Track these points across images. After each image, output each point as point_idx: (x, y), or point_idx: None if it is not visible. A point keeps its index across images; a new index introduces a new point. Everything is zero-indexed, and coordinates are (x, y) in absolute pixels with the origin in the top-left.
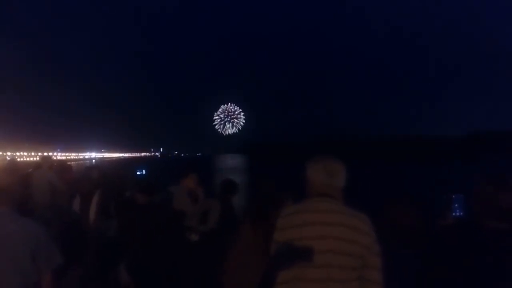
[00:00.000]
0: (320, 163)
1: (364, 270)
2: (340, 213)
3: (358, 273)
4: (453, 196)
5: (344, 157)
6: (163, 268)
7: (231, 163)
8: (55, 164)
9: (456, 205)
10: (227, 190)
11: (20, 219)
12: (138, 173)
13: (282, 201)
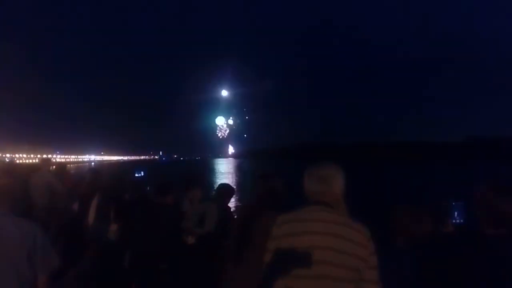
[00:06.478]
0: (314, 170)
1: (361, 284)
2: (335, 223)
3: (353, 286)
4: (453, 203)
5: (343, 162)
6: (163, 269)
7: (229, 167)
8: (54, 166)
9: (456, 212)
10: (223, 195)
11: (17, 220)
12: (136, 175)
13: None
